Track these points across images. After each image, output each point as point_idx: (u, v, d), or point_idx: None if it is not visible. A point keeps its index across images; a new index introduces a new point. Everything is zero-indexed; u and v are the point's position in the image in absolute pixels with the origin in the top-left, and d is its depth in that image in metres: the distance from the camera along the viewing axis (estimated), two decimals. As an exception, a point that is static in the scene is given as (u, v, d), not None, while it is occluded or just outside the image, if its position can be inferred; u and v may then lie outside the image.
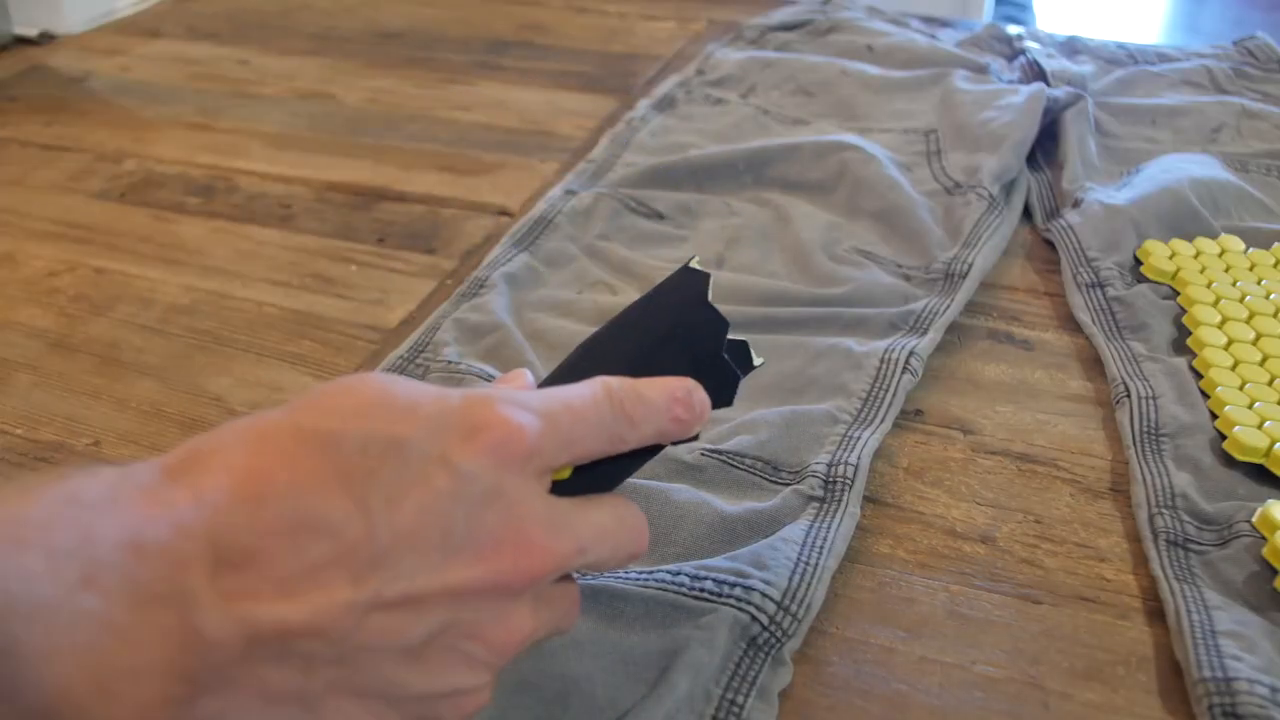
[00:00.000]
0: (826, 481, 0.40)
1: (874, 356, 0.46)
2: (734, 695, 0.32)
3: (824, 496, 0.39)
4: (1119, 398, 0.45)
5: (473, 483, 0.24)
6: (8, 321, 0.53)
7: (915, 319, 0.49)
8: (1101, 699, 0.33)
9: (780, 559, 0.35)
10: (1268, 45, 0.76)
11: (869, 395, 0.44)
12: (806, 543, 0.37)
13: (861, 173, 0.59)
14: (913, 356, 0.46)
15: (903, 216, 0.56)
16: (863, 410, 0.43)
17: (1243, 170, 0.61)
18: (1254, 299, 0.50)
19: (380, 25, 0.92)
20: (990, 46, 0.79)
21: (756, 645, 0.33)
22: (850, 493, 0.39)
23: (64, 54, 0.86)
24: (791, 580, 0.35)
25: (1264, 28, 0.81)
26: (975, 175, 0.59)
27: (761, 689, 0.32)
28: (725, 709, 0.31)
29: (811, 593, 0.35)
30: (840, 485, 0.39)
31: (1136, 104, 0.69)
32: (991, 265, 0.54)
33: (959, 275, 0.52)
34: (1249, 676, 0.31)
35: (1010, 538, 0.39)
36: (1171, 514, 0.39)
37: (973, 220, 0.56)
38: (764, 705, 0.32)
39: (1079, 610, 0.36)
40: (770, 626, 0.33)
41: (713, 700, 0.32)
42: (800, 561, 0.36)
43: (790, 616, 0.34)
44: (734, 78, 0.74)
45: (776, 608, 0.34)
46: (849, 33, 0.82)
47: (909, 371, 0.45)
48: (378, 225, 0.61)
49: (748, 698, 0.32)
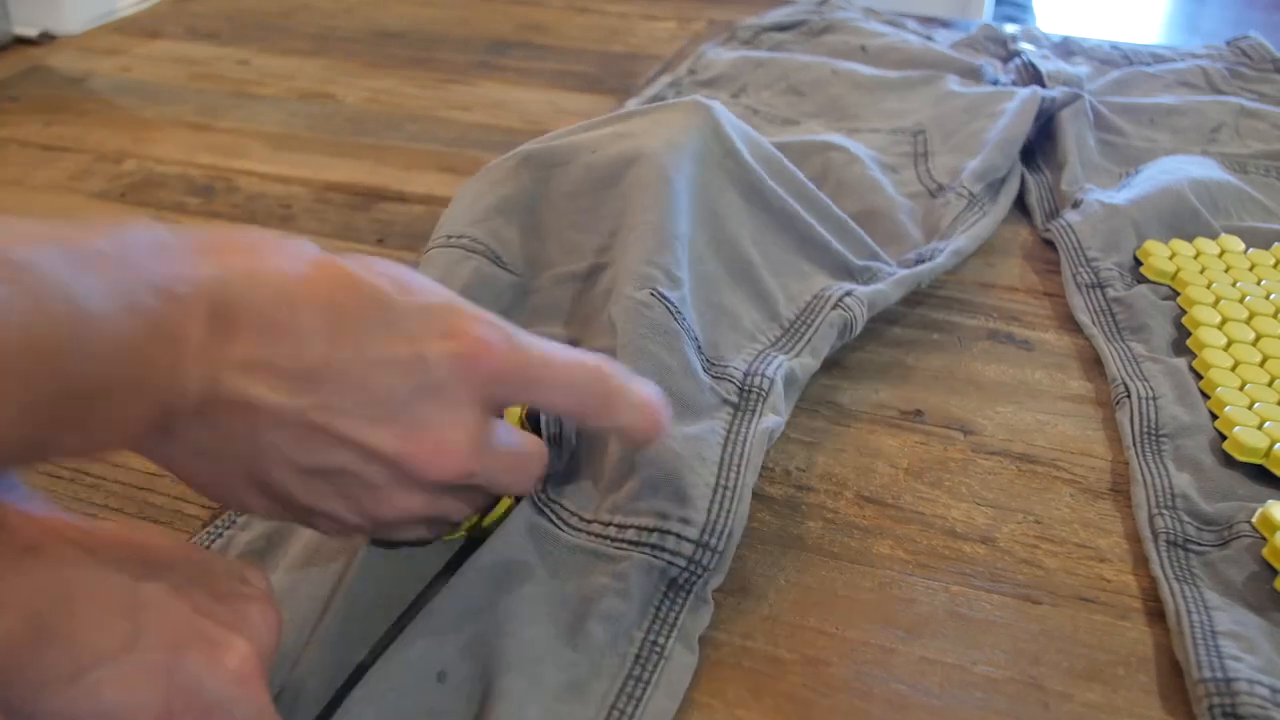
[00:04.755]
0: (741, 389, 0.41)
1: (808, 292, 0.47)
2: (655, 637, 0.33)
3: (738, 404, 0.40)
4: (1119, 398, 0.45)
5: (426, 371, 0.27)
6: (8, 322, 0.53)
7: (870, 275, 0.50)
8: (1101, 699, 0.33)
9: (700, 485, 0.36)
10: (1262, 45, 0.76)
11: (792, 325, 0.45)
12: (724, 461, 0.37)
13: (844, 174, 0.59)
14: (849, 296, 0.46)
15: (881, 219, 0.56)
16: (783, 337, 0.45)
17: (1241, 171, 0.61)
18: (1254, 299, 0.50)
19: (381, 25, 0.92)
20: (985, 48, 0.79)
21: (677, 585, 0.34)
22: (764, 404, 0.40)
23: (64, 54, 0.86)
24: (710, 512, 0.35)
25: (1264, 27, 0.81)
26: (958, 176, 0.59)
27: (682, 629, 0.33)
28: (648, 649, 0.32)
29: (731, 522, 0.35)
30: (755, 395, 0.40)
31: (1134, 104, 0.69)
32: (969, 252, 0.54)
33: (926, 259, 0.52)
34: (1249, 677, 0.31)
35: (1010, 538, 0.39)
36: (1171, 514, 0.39)
37: (950, 218, 0.56)
38: (685, 649, 0.33)
39: (1079, 611, 0.36)
40: (689, 566, 0.34)
41: (635, 642, 0.32)
42: (719, 486, 0.36)
43: (710, 551, 0.34)
44: (725, 77, 0.74)
45: (695, 546, 0.34)
46: (844, 33, 0.82)
47: (839, 308, 0.46)
48: (378, 225, 0.61)
49: (669, 639, 0.33)
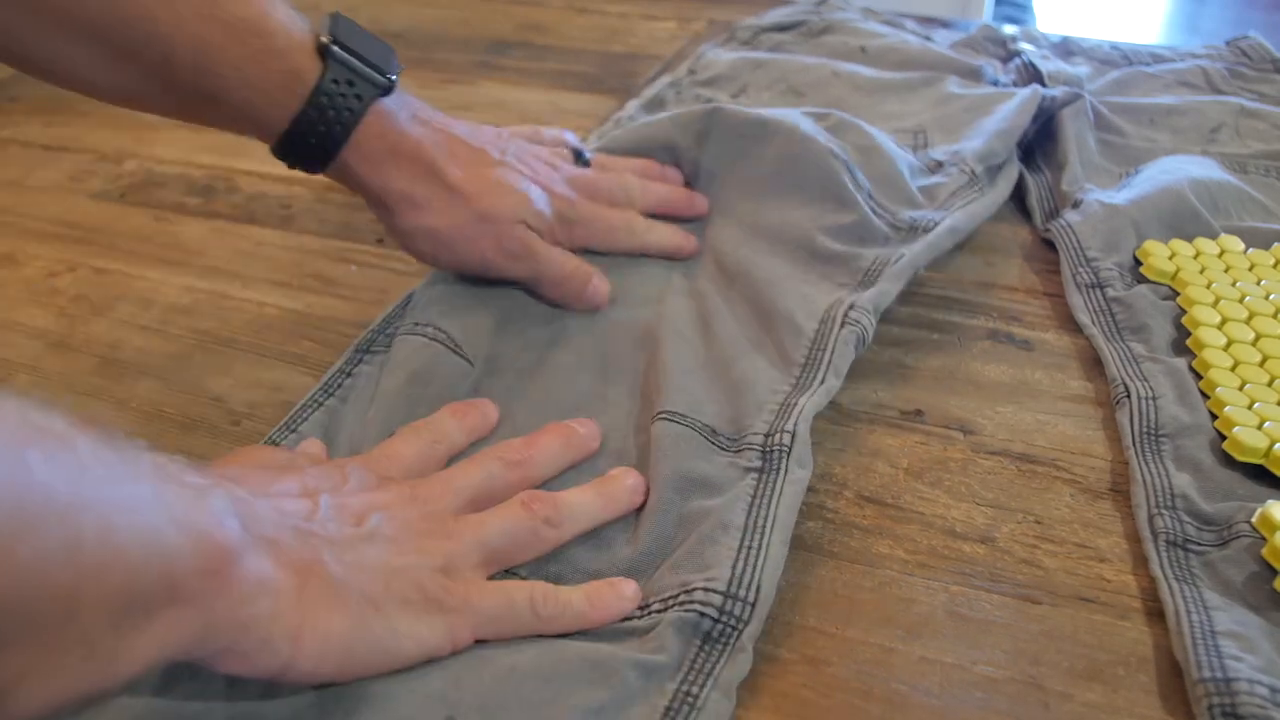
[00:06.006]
0: (764, 451, 0.40)
1: (814, 319, 0.46)
2: (689, 687, 0.32)
3: (761, 467, 0.39)
4: (1119, 398, 0.45)
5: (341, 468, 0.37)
6: (8, 322, 0.53)
7: (864, 274, 0.50)
8: (1101, 699, 0.33)
9: (721, 553, 0.35)
10: (1261, 45, 0.76)
11: (807, 360, 0.45)
12: (747, 526, 0.37)
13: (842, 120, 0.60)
14: (853, 310, 0.46)
15: (881, 157, 0.56)
16: (802, 376, 0.44)
17: (1241, 172, 0.61)
18: (1254, 299, 0.50)
19: (381, 25, 0.92)
20: (984, 48, 0.79)
21: (711, 639, 0.33)
22: (789, 459, 0.39)
23: (64, 54, 0.86)
24: (735, 569, 0.35)
25: (1264, 27, 0.81)
26: (958, 155, 0.60)
27: (719, 679, 0.32)
28: (680, 700, 0.32)
29: (758, 575, 0.35)
30: (777, 454, 0.39)
31: (1134, 104, 0.69)
32: (964, 232, 0.54)
33: (922, 230, 0.52)
34: (1249, 677, 0.31)
35: (1010, 538, 0.39)
36: (1171, 514, 0.39)
37: (949, 190, 0.56)
38: (721, 697, 0.32)
39: (1079, 610, 0.36)
40: (721, 618, 0.33)
41: (666, 694, 0.32)
42: (743, 548, 0.36)
43: (740, 602, 0.34)
44: (725, 78, 0.74)
45: (723, 598, 0.34)
46: (843, 34, 0.82)
47: (848, 324, 0.45)
48: (378, 225, 0.60)
49: (704, 689, 0.32)
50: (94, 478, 0.24)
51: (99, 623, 0.23)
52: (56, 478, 0.23)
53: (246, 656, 0.28)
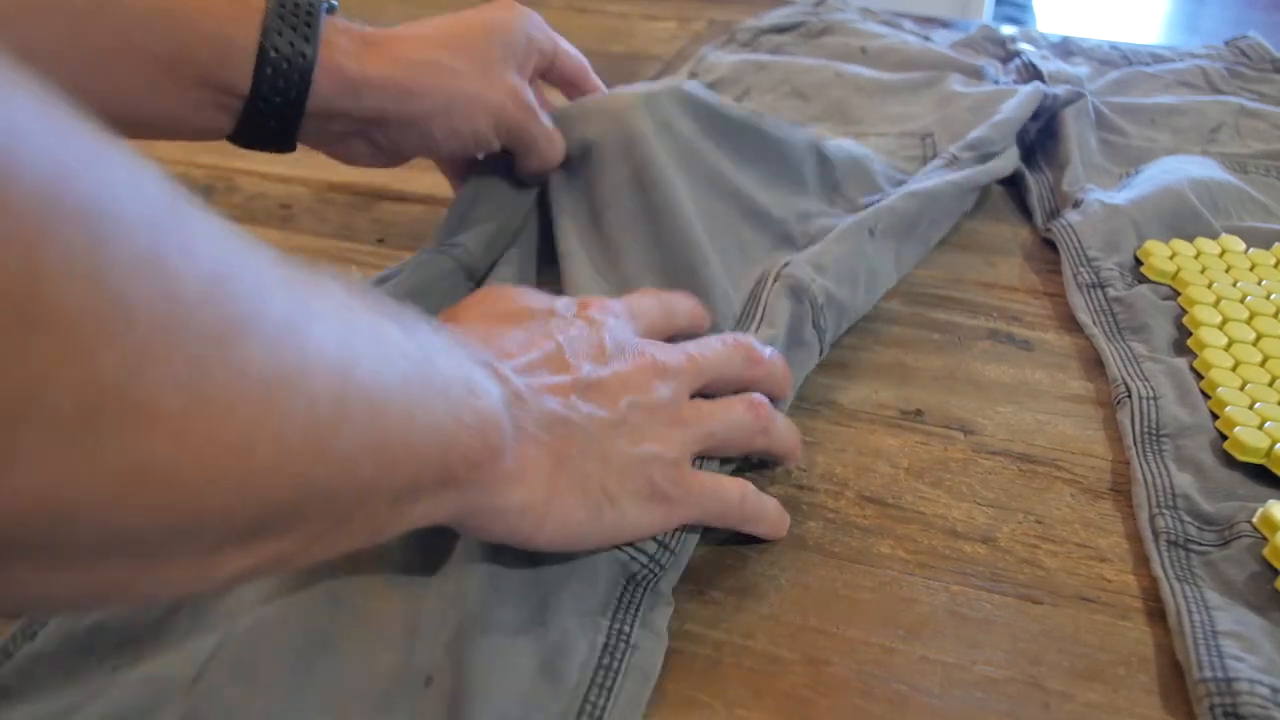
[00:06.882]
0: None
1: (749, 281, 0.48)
2: (620, 625, 0.34)
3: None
4: (1120, 398, 0.45)
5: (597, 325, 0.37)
6: (7, 321, 0.53)
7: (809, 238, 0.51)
8: (1102, 699, 0.33)
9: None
10: (1260, 45, 0.76)
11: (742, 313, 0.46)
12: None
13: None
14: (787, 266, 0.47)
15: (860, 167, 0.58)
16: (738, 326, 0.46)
17: (1242, 171, 0.61)
18: (1254, 299, 0.50)
19: (381, 25, 0.92)
20: (984, 48, 0.79)
21: (635, 580, 0.35)
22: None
23: (64, 54, 0.86)
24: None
25: (1264, 27, 0.81)
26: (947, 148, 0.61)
27: (645, 619, 0.34)
28: (615, 637, 0.33)
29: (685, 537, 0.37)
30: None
31: (1135, 104, 0.69)
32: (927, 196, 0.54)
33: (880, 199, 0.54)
34: (1250, 677, 0.31)
35: (1011, 538, 0.39)
36: (1172, 514, 0.39)
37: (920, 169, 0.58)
38: (651, 635, 0.34)
39: (1079, 610, 0.36)
40: (649, 564, 0.35)
41: (601, 630, 0.33)
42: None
43: (668, 552, 0.36)
44: (728, 80, 0.74)
45: (657, 546, 0.35)
46: (842, 35, 0.82)
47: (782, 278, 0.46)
48: (378, 225, 0.61)
49: (633, 627, 0.34)
50: (399, 371, 0.25)
51: (383, 504, 0.26)
52: (374, 368, 0.24)
53: (491, 532, 0.32)
